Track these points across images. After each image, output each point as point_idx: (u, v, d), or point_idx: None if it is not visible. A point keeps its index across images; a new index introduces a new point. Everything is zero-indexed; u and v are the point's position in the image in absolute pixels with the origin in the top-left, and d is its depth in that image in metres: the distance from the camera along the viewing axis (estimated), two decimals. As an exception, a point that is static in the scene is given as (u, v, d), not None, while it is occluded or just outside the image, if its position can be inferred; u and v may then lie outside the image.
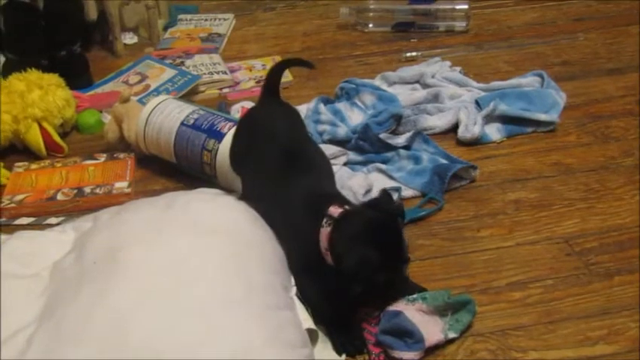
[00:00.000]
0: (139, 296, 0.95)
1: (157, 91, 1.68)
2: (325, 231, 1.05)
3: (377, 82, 1.71)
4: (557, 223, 1.29)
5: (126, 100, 1.51)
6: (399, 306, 1.08)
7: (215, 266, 1.00)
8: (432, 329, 1.06)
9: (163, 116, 1.41)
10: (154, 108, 1.43)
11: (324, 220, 1.05)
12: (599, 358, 1.04)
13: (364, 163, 1.45)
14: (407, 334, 1.04)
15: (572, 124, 1.55)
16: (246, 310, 0.96)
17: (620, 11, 2.02)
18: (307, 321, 1.03)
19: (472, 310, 1.09)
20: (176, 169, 1.43)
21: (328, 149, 1.42)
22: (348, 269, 1.01)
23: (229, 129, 1.33)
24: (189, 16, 2.09)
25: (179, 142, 1.38)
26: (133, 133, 1.46)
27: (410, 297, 1.09)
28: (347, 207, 1.08)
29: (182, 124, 1.38)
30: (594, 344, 1.06)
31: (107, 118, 1.60)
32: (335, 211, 1.06)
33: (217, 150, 1.32)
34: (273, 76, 1.29)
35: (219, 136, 1.33)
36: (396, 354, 1.04)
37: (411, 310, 1.08)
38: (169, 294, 0.95)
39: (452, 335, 1.07)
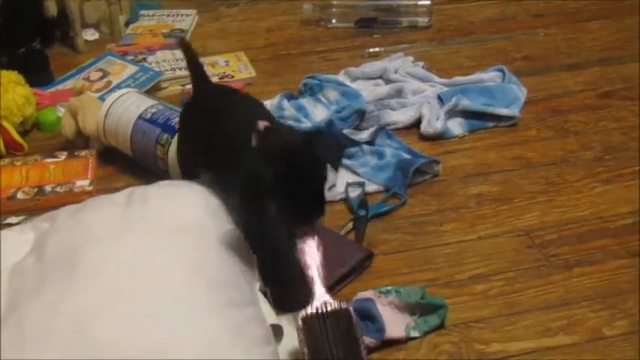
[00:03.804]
0: (101, 297, 0.94)
1: (119, 88, 1.65)
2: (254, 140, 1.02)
3: (340, 77, 1.72)
4: (518, 216, 1.31)
5: (80, 93, 1.50)
6: (372, 295, 1.09)
7: (177, 264, 0.99)
8: (396, 324, 1.07)
9: (123, 108, 1.40)
10: (116, 100, 1.42)
11: (253, 134, 1.02)
12: (559, 348, 1.06)
13: (328, 159, 1.45)
14: (370, 319, 1.05)
15: (532, 119, 1.58)
16: (209, 307, 0.95)
17: (579, 7, 2.05)
18: (271, 316, 1.03)
19: (442, 315, 1.09)
20: (139, 166, 1.41)
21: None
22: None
23: None
24: (151, 12, 2.07)
25: (135, 135, 1.37)
26: (88, 125, 1.44)
27: (384, 289, 1.10)
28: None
29: (139, 117, 1.37)
30: (554, 335, 1.08)
31: (61, 111, 1.58)
32: (261, 125, 1.03)
33: (170, 144, 1.31)
34: (195, 64, 1.28)
35: (172, 131, 1.32)
36: None
37: (383, 302, 1.09)
38: (132, 294, 0.94)
39: (414, 334, 1.08)
